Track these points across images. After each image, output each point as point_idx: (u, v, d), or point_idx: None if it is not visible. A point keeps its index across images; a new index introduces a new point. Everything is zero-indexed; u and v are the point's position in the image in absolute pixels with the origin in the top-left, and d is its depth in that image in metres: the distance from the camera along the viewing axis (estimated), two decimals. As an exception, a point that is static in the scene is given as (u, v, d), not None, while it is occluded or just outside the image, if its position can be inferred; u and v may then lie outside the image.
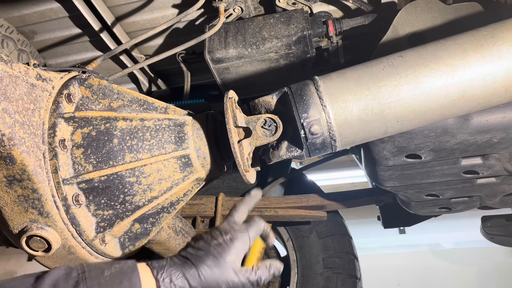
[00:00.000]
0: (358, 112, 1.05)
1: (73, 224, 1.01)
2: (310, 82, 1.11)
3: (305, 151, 1.11)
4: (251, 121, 1.14)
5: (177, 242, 1.65)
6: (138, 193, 1.09)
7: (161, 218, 1.18)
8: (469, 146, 1.29)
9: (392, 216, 2.24)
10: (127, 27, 1.91)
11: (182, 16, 1.55)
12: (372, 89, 1.05)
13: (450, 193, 1.55)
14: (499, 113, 1.21)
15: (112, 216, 1.07)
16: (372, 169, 1.47)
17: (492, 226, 2.12)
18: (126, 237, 1.16)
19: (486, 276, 4.95)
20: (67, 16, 1.86)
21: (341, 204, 2.14)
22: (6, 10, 1.83)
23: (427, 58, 1.04)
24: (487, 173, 1.40)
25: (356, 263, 2.25)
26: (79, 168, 1.03)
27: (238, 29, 1.57)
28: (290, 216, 2.12)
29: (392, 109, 1.04)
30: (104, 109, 1.11)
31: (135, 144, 1.09)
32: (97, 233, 1.06)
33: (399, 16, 1.36)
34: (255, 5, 1.68)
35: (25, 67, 0.98)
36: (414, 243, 5.37)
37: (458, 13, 1.33)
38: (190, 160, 1.15)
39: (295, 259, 2.31)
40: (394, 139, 1.30)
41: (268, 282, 2.37)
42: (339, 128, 1.06)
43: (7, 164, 0.92)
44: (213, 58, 1.55)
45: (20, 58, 1.88)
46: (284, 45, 1.50)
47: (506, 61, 0.99)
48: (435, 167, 1.41)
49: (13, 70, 0.93)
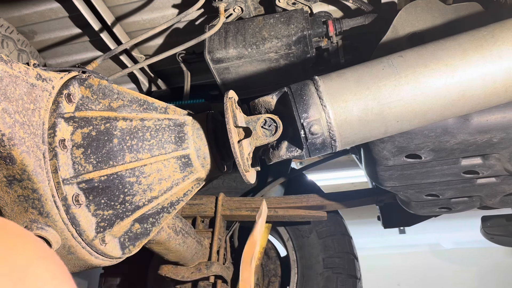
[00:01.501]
0: (358, 112, 1.05)
1: (73, 224, 1.01)
2: (310, 82, 1.11)
3: (305, 151, 1.11)
4: (251, 121, 1.14)
5: (177, 242, 1.65)
6: (138, 193, 1.09)
7: (161, 218, 1.18)
8: (469, 146, 1.29)
9: (392, 216, 2.24)
10: (127, 27, 1.91)
11: (182, 16, 1.55)
12: (372, 89, 1.05)
13: (450, 193, 1.55)
14: (499, 113, 1.21)
15: (112, 216, 1.07)
16: (372, 169, 1.47)
17: (492, 226, 2.12)
18: (126, 237, 1.16)
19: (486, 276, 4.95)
20: (67, 16, 1.86)
21: (341, 204, 2.14)
22: (6, 10, 1.83)
23: (427, 58, 1.04)
24: (487, 173, 1.40)
25: (356, 263, 2.25)
26: (79, 168, 1.03)
27: (238, 29, 1.57)
28: (290, 216, 2.12)
29: (392, 109, 1.04)
30: (104, 109, 1.11)
31: (135, 144, 1.09)
32: (97, 233, 1.06)
33: (399, 16, 1.36)
34: (255, 5, 1.68)
35: (25, 67, 0.98)
36: (414, 243, 5.37)
37: (458, 13, 1.33)
38: (190, 160, 1.15)
39: (295, 259, 2.31)
40: (394, 139, 1.30)
41: (268, 282, 2.38)
42: (339, 128, 1.06)
43: (7, 164, 0.92)
44: (213, 58, 1.55)
45: (20, 58, 1.88)
46: (284, 45, 1.50)
47: (506, 61, 0.99)
48: (435, 167, 1.41)
49: (13, 70, 0.93)
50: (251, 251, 1.09)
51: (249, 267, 1.06)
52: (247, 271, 1.06)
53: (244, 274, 1.06)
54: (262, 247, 2.28)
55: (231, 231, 2.22)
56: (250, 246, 1.09)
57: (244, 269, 1.07)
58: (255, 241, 1.09)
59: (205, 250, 1.98)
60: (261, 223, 1.12)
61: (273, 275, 2.39)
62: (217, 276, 2.00)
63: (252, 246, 1.09)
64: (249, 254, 1.08)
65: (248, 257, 1.07)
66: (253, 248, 1.09)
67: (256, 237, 1.10)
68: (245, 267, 1.07)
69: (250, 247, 1.09)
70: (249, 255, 1.08)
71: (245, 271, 1.06)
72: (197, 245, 1.87)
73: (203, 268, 1.93)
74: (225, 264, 2.06)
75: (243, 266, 1.07)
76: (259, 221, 1.12)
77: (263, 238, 2.29)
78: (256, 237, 1.10)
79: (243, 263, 1.07)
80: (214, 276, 1.99)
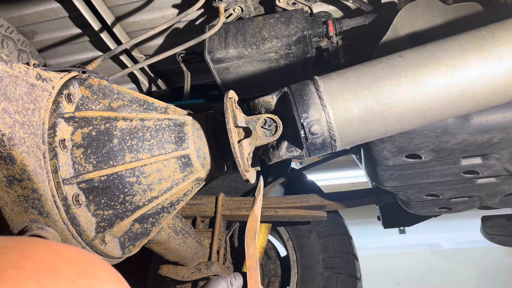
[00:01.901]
0: (358, 112, 1.05)
1: (73, 224, 1.01)
2: (310, 82, 1.11)
3: (305, 151, 1.11)
4: (251, 121, 1.14)
5: (177, 242, 1.65)
6: (138, 193, 1.09)
7: (161, 218, 1.18)
8: (469, 146, 1.29)
9: (392, 216, 2.24)
10: (127, 27, 1.91)
11: (182, 16, 1.55)
12: (372, 89, 1.05)
13: (450, 193, 1.55)
14: (499, 113, 1.21)
15: (112, 216, 1.07)
16: (372, 169, 1.47)
17: (492, 226, 2.12)
18: (126, 237, 1.16)
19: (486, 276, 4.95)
20: (67, 16, 1.86)
21: (341, 204, 2.14)
22: (6, 10, 1.83)
23: (427, 58, 1.04)
24: (487, 173, 1.40)
25: (356, 263, 2.25)
26: (79, 168, 1.03)
27: (238, 29, 1.57)
28: (290, 216, 2.12)
29: (392, 109, 1.04)
30: (104, 109, 1.11)
31: (135, 144, 1.09)
32: (97, 233, 1.06)
33: (399, 16, 1.36)
34: (255, 5, 1.68)
35: (25, 67, 0.98)
36: (414, 243, 5.37)
37: (458, 13, 1.33)
38: (190, 160, 1.15)
39: (295, 259, 2.31)
40: (394, 139, 1.30)
41: (268, 282, 2.38)
42: (339, 128, 1.06)
43: (7, 164, 0.92)
44: (213, 58, 1.55)
45: (20, 58, 1.88)
46: (284, 45, 1.50)
47: (506, 61, 0.99)
48: (435, 167, 1.41)
49: (13, 70, 0.93)
50: (254, 227, 1.11)
51: (253, 242, 1.08)
52: (252, 247, 1.08)
53: (250, 250, 1.08)
54: (262, 247, 2.28)
55: (231, 231, 2.22)
56: (252, 222, 1.12)
57: (249, 245, 1.09)
58: (257, 217, 1.12)
59: (205, 250, 1.98)
60: (260, 199, 1.16)
61: (273, 275, 2.40)
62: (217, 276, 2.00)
63: (255, 221, 1.11)
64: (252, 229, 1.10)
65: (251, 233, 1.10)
66: (255, 224, 1.11)
67: (257, 213, 1.13)
68: (249, 243, 1.09)
69: (252, 222, 1.12)
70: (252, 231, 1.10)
71: (250, 247, 1.08)
72: (197, 245, 1.87)
73: (203, 268, 1.93)
74: (225, 264, 2.06)
75: (248, 242, 1.09)
76: (258, 197, 1.16)
77: (263, 238, 2.29)
78: (257, 213, 1.13)
79: (247, 239, 1.10)
80: (214, 276, 1.99)
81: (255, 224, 1.11)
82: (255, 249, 1.07)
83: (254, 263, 1.06)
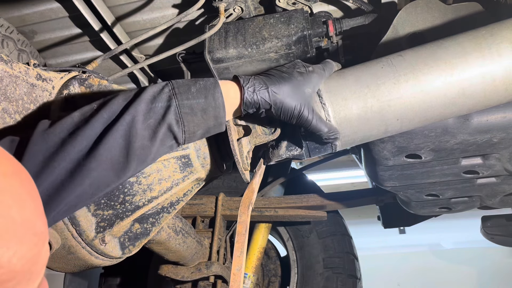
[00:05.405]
0: (357, 110, 1.05)
1: (73, 224, 1.01)
2: (310, 81, 1.11)
3: (304, 150, 1.11)
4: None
5: (177, 242, 1.65)
6: (138, 193, 1.09)
7: (161, 218, 1.18)
8: (469, 146, 1.29)
9: (392, 216, 2.24)
10: (127, 27, 1.91)
11: (182, 16, 1.55)
12: (372, 87, 1.05)
13: (450, 193, 1.55)
14: (499, 113, 1.21)
15: (112, 216, 1.07)
16: (372, 169, 1.47)
17: (492, 226, 2.12)
18: (126, 237, 1.16)
19: (486, 276, 4.95)
20: (67, 16, 1.85)
21: (341, 204, 2.14)
22: (6, 10, 1.83)
23: (426, 57, 1.04)
24: (487, 173, 1.40)
25: (356, 263, 2.25)
26: (79, 168, 1.03)
27: (238, 29, 1.57)
28: (290, 216, 2.12)
29: (391, 107, 1.04)
30: (104, 109, 1.11)
31: (135, 143, 1.09)
32: (97, 233, 1.06)
33: (399, 16, 1.36)
34: (255, 5, 1.68)
35: (25, 67, 0.98)
36: (414, 243, 5.37)
37: (458, 13, 1.33)
38: (190, 160, 1.15)
39: (295, 259, 2.31)
40: (394, 139, 1.30)
41: (268, 282, 2.38)
42: (338, 126, 1.06)
43: (7, 163, 0.91)
44: (213, 58, 1.55)
45: (20, 58, 1.88)
46: (284, 45, 1.50)
47: (505, 60, 0.99)
48: (435, 167, 1.41)
49: (13, 70, 0.93)
50: (250, 197, 1.14)
51: (246, 211, 1.11)
52: (245, 215, 1.11)
53: (242, 218, 1.11)
54: (262, 247, 2.28)
55: (231, 231, 2.22)
56: (249, 193, 1.15)
57: (242, 212, 1.12)
58: (254, 189, 1.15)
59: (205, 250, 1.98)
60: (259, 174, 1.18)
61: (273, 275, 2.40)
62: (217, 276, 2.00)
63: (251, 192, 1.15)
64: (247, 199, 1.14)
65: (246, 202, 1.13)
66: (251, 195, 1.14)
67: (254, 185, 1.16)
68: (243, 210, 1.12)
69: (248, 193, 1.15)
70: (247, 201, 1.13)
71: (243, 215, 1.11)
72: (197, 245, 1.87)
73: (203, 268, 1.93)
74: (225, 264, 2.06)
75: (241, 210, 1.12)
76: (258, 172, 1.18)
77: (263, 238, 2.29)
78: (255, 186, 1.16)
79: (242, 207, 1.13)
80: (214, 276, 1.99)
81: (251, 195, 1.15)
82: (247, 217, 1.11)
83: (243, 229, 1.10)
